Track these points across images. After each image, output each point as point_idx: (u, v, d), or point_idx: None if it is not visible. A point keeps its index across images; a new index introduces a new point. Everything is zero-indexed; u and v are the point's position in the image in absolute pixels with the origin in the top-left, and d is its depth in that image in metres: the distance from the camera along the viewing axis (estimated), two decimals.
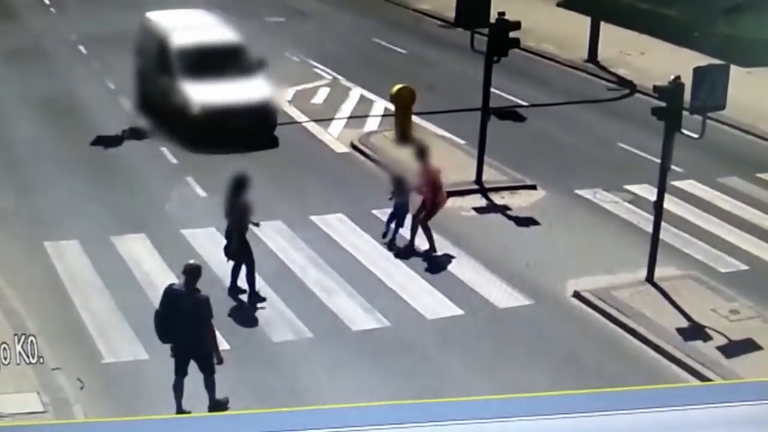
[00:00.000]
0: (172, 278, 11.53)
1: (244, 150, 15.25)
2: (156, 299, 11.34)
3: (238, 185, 11.76)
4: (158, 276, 12.00)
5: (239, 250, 11.62)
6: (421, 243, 13.15)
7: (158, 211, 13.90)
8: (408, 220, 13.18)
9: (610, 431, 3.56)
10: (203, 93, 16.11)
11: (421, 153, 13.38)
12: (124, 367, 10.36)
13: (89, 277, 12.03)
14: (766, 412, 3.53)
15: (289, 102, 18.32)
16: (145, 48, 17.47)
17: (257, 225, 12.15)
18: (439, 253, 13.03)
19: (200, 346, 9.47)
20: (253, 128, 15.98)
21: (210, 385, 9.61)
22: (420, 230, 13.10)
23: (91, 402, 9.71)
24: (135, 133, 16.52)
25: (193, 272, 9.53)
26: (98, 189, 14.55)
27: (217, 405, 9.66)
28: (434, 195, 13.08)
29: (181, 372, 9.60)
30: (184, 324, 9.39)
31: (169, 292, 9.59)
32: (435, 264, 12.82)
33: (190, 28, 17.41)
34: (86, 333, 10.89)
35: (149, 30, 17.60)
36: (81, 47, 21.16)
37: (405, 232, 13.20)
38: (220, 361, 9.53)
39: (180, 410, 9.59)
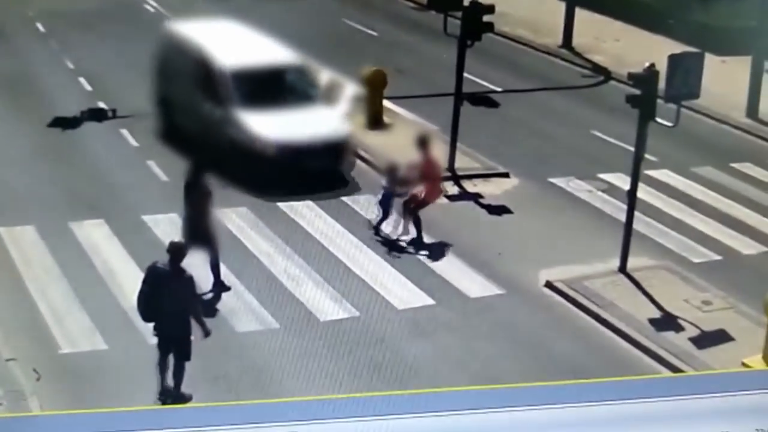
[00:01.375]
0: (133, 266, 11.32)
1: (318, 193, 13.55)
2: (115, 287, 11.18)
3: (198, 169, 11.38)
4: (118, 263, 11.72)
5: (204, 237, 11.28)
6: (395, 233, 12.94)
7: (118, 196, 13.53)
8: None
9: (581, 423, 3.37)
10: (273, 127, 13.76)
11: (423, 142, 12.90)
12: (82, 357, 10.08)
13: (46, 264, 11.69)
14: (737, 403, 3.37)
15: None
16: (177, 68, 14.76)
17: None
18: (409, 240, 12.82)
19: (181, 328, 9.27)
20: (330, 167, 14.04)
21: (180, 372, 9.41)
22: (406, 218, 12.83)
23: (47, 394, 9.42)
24: (94, 115, 16.04)
25: (177, 251, 9.29)
26: (55, 172, 14.15)
27: (180, 397, 9.42)
28: (430, 187, 12.63)
29: (164, 350, 9.42)
30: (168, 303, 9.17)
31: (153, 270, 9.34)
32: (406, 253, 12.61)
33: (238, 46, 14.82)
34: (42, 322, 10.58)
35: (181, 46, 14.77)
36: (39, 24, 20.62)
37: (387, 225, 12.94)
38: (208, 333, 9.36)
39: (164, 385, 9.44)
